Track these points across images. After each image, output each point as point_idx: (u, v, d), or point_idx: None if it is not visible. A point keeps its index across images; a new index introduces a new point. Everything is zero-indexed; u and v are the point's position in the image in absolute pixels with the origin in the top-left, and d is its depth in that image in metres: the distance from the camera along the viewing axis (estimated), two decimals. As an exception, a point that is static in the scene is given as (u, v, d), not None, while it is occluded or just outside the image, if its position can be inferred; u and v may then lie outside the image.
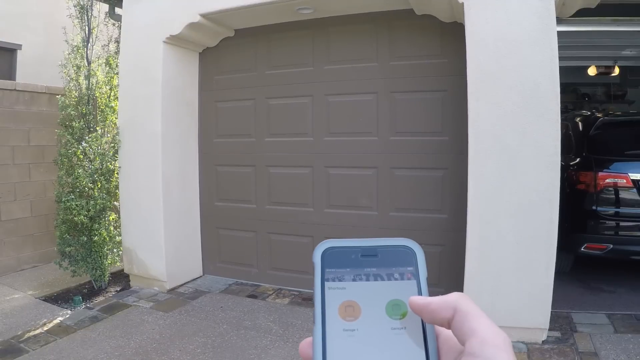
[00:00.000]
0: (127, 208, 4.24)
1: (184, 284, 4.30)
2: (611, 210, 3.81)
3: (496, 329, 0.33)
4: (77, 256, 3.97)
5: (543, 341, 2.98)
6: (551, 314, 2.97)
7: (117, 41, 4.49)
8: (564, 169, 3.67)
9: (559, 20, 3.03)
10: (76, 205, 3.84)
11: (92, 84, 4.15)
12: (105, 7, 4.58)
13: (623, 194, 3.79)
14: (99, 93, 4.23)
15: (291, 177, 4.17)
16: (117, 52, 4.40)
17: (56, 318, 3.52)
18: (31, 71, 6.83)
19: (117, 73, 4.30)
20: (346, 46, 3.89)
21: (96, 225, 3.96)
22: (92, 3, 4.21)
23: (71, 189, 3.98)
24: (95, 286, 4.16)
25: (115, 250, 4.16)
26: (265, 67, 4.22)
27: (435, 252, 3.57)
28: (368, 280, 0.38)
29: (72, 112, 4.04)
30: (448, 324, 0.35)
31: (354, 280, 0.38)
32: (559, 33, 2.86)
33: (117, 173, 4.22)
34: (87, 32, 4.18)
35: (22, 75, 6.95)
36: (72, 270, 3.97)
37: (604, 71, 7.27)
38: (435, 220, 3.64)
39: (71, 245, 3.97)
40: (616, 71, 7.20)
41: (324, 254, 0.39)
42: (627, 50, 5.03)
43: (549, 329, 3.01)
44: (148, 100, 4.04)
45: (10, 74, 7.09)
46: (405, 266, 0.39)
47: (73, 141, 4.00)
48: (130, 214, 4.23)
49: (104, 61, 4.34)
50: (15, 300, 3.94)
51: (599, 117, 4.28)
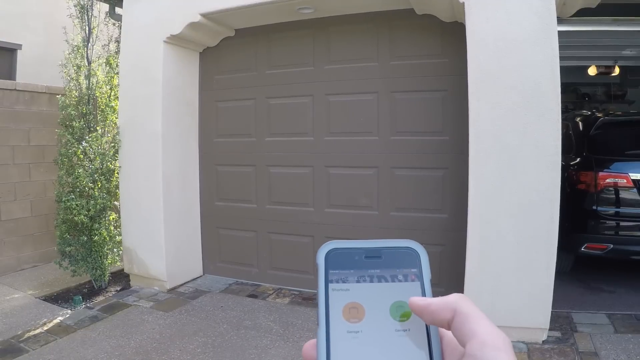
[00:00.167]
0: (128, 208, 4.24)
1: (184, 284, 4.30)
2: (611, 210, 3.81)
3: (496, 331, 0.33)
4: (77, 256, 3.97)
5: (543, 341, 2.98)
6: (551, 314, 2.97)
7: (118, 41, 4.49)
8: (565, 169, 3.67)
9: (560, 19, 3.03)
10: (76, 205, 3.84)
11: (93, 84, 4.15)
12: (105, 7, 4.58)
13: (623, 194, 3.79)
14: (99, 93, 4.23)
15: (291, 177, 4.16)
16: (118, 52, 4.40)
17: (56, 318, 3.52)
18: (31, 71, 6.83)
19: (118, 73, 4.30)
20: (346, 46, 3.89)
21: (96, 225, 3.96)
22: (93, 3, 4.21)
23: (71, 189, 3.98)
24: (95, 286, 4.16)
25: (115, 250, 4.16)
26: (265, 67, 4.22)
27: (435, 252, 3.57)
28: (372, 281, 0.38)
29: (73, 112, 4.04)
30: (448, 325, 0.35)
31: (358, 281, 0.38)
32: (560, 33, 2.86)
33: (118, 173, 4.22)
34: (88, 32, 4.18)
35: (22, 75, 6.95)
36: (72, 270, 3.97)
37: (604, 71, 7.27)
38: (435, 220, 3.64)
39: (71, 245, 3.97)
40: (616, 71, 7.20)
41: (328, 256, 0.39)
42: (627, 50, 5.03)
43: (549, 329, 3.01)
44: (148, 100, 4.04)
45: (10, 74, 7.09)
46: (409, 268, 0.39)
47: (73, 141, 4.00)
48: (130, 214, 4.23)
49: (104, 61, 4.34)
50: (15, 300, 3.94)
51: (600, 117, 4.28)
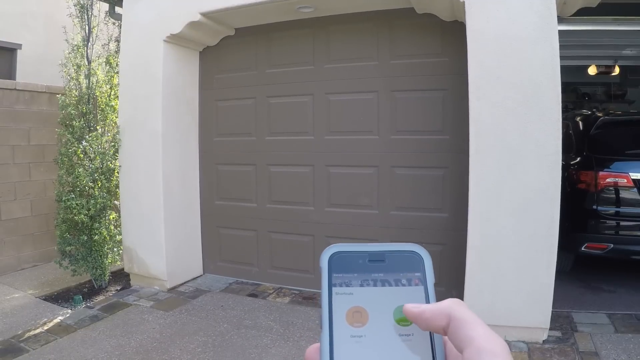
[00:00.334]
0: (128, 207, 4.24)
1: (185, 283, 4.30)
2: (612, 209, 3.81)
3: (493, 335, 0.33)
4: (78, 255, 3.97)
5: (544, 341, 2.98)
6: (552, 314, 2.97)
7: (118, 40, 4.48)
8: (565, 168, 3.66)
9: (560, 19, 3.03)
10: (76, 204, 3.84)
11: (93, 83, 4.15)
12: (105, 6, 4.58)
13: (623, 194, 3.79)
14: (99, 92, 4.23)
15: (292, 176, 4.16)
16: (117, 51, 4.39)
17: (56, 317, 3.52)
18: (31, 70, 6.82)
19: (118, 72, 4.30)
20: (347, 45, 3.88)
21: (96, 224, 3.96)
22: (92, 2, 4.21)
23: (71, 188, 3.98)
24: (95, 285, 4.16)
25: (115, 249, 4.16)
26: (265, 66, 4.22)
27: (435, 251, 3.57)
28: (375, 285, 0.38)
29: (73, 111, 4.04)
30: (444, 332, 0.35)
31: (362, 285, 0.38)
32: (560, 32, 2.86)
33: (118, 172, 4.22)
34: (87, 31, 4.17)
35: (22, 74, 6.93)
36: (73, 269, 3.97)
37: (604, 71, 7.27)
38: (435, 219, 3.64)
39: (71, 244, 3.97)
40: (616, 71, 7.20)
41: (331, 259, 0.39)
42: (628, 49, 5.03)
43: (550, 329, 3.01)
44: (148, 99, 4.04)
45: (10, 74, 7.07)
46: (412, 272, 0.39)
47: (73, 140, 4.00)
48: (130, 213, 4.23)
49: (104, 60, 4.34)
50: (15, 299, 3.93)
51: (600, 117, 4.28)
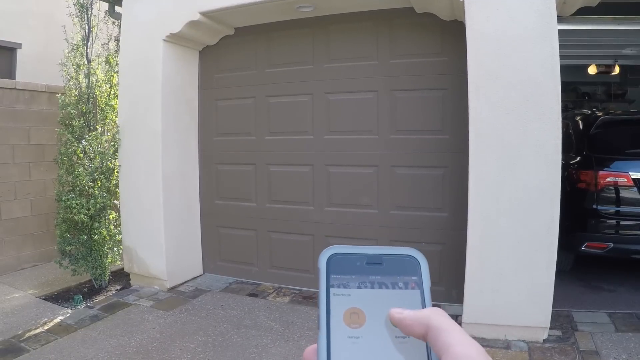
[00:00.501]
0: (128, 207, 4.24)
1: (185, 283, 4.30)
2: (612, 209, 3.81)
3: (469, 341, 0.33)
4: (78, 255, 3.97)
5: (544, 340, 2.98)
6: (552, 313, 2.97)
7: (117, 39, 4.48)
8: (565, 168, 3.66)
9: (560, 18, 3.02)
10: (76, 204, 3.84)
11: (92, 83, 4.15)
12: (105, 6, 4.58)
13: (623, 193, 3.79)
14: (99, 91, 4.22)
15: (291, 176, 4.16)
16: (117, 51, 4.39)
17: (56, 317, 3.52)
18: (31, 70, 6.82)
19: (117, 71, 4.30)
20: (346, 44, 3.88)
21: (96, 224, 3.96)
22: (92, 1, 4.21)
23: (71, 188, 3.97)
24: (95, 285, 4.16)
25: (115, 249, 4.16)
26: (265, 66, 4.21)
27: (435, 251, 3.56)
28: (373, 288, 0.39)
29: (72, 111, 4.04)
30: (425, 339, 0.36)
31: (359, 287, 0.38)
32: (560, 32, 2.86)
33: (117, 171, 4.22)
34: (87, 31, 4.17)
35: (22, 74, 6.95)
36: (73, 269, 3.97)
37: (604, 70, 7.28)
38: (435, 218, 3.64)
39: (71, 244, 3.97)
40: (616, 70, 7.20)
41: (330, 260, 0.39)
42: (628, 49, 5.03)
43: (550, 328, 3.01)
44: (148, 98, 4.04)
45: (10, 73, 7.08)
46: (409, 275, 0.39)
47: (73, 140, 3.99)
48: (130, 213, 4.23)
49: (104, 60, 4.34)
50: (15, 299, 3.93)
51: (600, 116, 4.28)
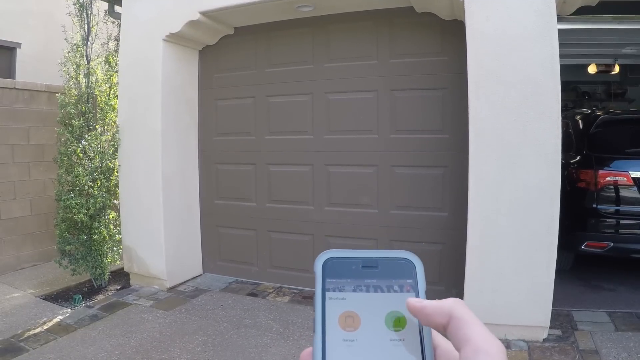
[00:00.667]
0: (127, 206, 4.23)
1: (184, 283, 4.30)
2: (611, 208, 3.81)
3: (491, 337, 0.33)
4: (77, 255, 3.97)
5: (544, 339, 2.98)
6: (552, 312, 2.97)
7: (117, 39, 4.48)
8: (564, 167, 3.66)
9: (560, 17, 3.02)
10: (76, 203, 3.84)
11: (92, 82, 4.15)
12: (104, 5, 4.57)
13: (623, 192, 3.79)
14: (99, 91, 4.22)
15: (291, 175, 4.16)
16: (117, 50, 4.39)
17: (56, 317, 3.52)
18: (31, 69, 6.82)
19: (117, 71, 4.29)
20: (346, 44, 3.88)
21: (96, 223, 3.96)
22: (92, 1, 4.20)
23: (71, 188, 3.97)
24: (95, 285, 4.16)
25: (115, 248, 4.16)
26: (265, 65, 4.21)
27: (435, 250, 3.56)
28: (368, 291, 0.39)
29: (72, 111, 4.04)
30: (444, 329, 0.36)
31: (355, 290, 0.39)
32: (560, 31, 2.86)
33: (117, 171, 4.21)
34: (87, 30, 4.17)
35: (22, 73, 6.94)
36: (72, 268, 3.97)
37: (604, 69, 7.28)
38: (435, 218, 3.64)
39: (71, 243, 3.97)
40: (616, 69, 7.20)
41: (325, 264, 0.40)
42: (627, 48, 5.03)
43: (550, 327, 3.01)
44: (148, 98, 4.04)
45: (9, 73, 7.08)
46: (404, 278, 0.39)
47: (73, 139, 3.99)
48: (130, 213, 4.23)
49: (104, 59, 4.33)
50: (15, 299, 3.93)
51: (600, 115, 4.28)
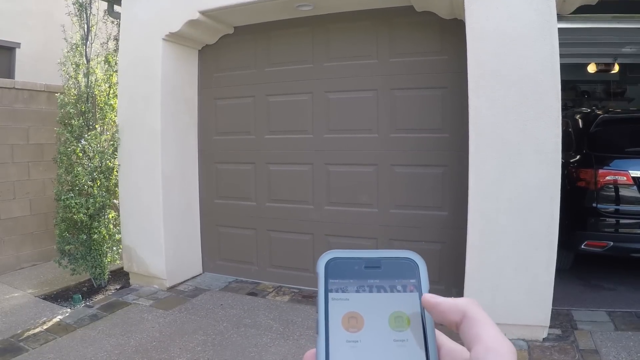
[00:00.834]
0: (127, 206, 4.23)
1: (184, 282, 4.29)
2: (611, 207, 3.80)
3: (502, 338, 0.33)
4: (77, 254, 3.97)
5: (544, 338, 2.98)
6: (552, 312, 2.97)
7: (116, 39, 4.48)
8: (564, 166, 3.66)
9: (560, 17, 3.02)
10: (75, 203, 3.84)
11: (91, 82, 4.14)
12: (104, 5, 4.57)
13: (623, 192, 3.79)
14: (98, 91, 4.22)
15: (291, 175, 4.16)
16: (116, 50, 4.39)
17: (56, 316, 3.52)
18: (30, 69, 6.82)
19: (116, 71, 4.29)
20: (346, 43, 3.88)
21: (96, 223, 3.96)
22: (91, 1, 4.20)
23: (70, 187, 3.97)
24: (94, 284, 4.15)
25: (114, 248, 4.16)
26: (264, 65, 4.21)
27: (435, 250, 3.56)
28: (371, 291, 0.39)
29: (71, 110, 4.03)
30: (456, 327, 0.36)
31: (357, 291, 0.38)
32: (560, 30, 2.86)
33: (117, 171, 4.21)
34: (86, 30, 4.16)
35: (21, 73, 6.94)
36: (72, 268, 3.96)
37: (604, 68, 7.28)
38: (435, 217, 3.63)
39: (71, 243, 3.96)
40: (616, 68, 7.20)
41: (328, 265, 0.39)
42: (627, 47, 5.03)
43: (550, 327, 3.01)
44: (147, 98, 4.03)
45: (9, 72, 7.08)
46: (407, 278, 0.39)
47: (72, 139, 3.99)
48: (129, 212, 4.22)
49: (103, 59, 4.33)
50: (14, 298, 3.93)
51: (599, 115, 4.27)
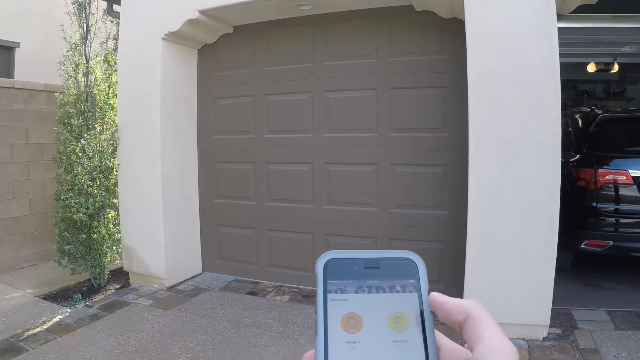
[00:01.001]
0: (127, 205, 4.23)
1: (184, 282, 4.29)
2: (611, 207, 3.80)
3: (504, 339, 0.34)
4: (77, 254, 3.97)
5: (544, 338, 2.98)
6: (552, 311, 2.97)
7: (116, 38, 4.47)
8: (564, 166, 3.66)
9: (560, 16, 3.02)
10: (75, 203, 3.83)
11: (91, 82, 4.14)
12: (103, 4, 4.57)
13: (623, 191, 3.79)
14: (98, 90, 4.22)
15: (291, 174, 4.16)
16: (116, 49, 4.38)
17: (56, 316, 3.51)
18: (29, 69, 6.81)
19: (116, 70, 4.29)
20: (345, 42, 3.87)
21: (95, 223, 3.95)
22: (90, 0, 4.19)
23: (70, 187, 3.97)
24: (94, 284, 4.15)
25: (114, 248, 4.16)
26: (264, 64, 4.21)
27: (435, 249, 3.56)
28: (370, 292, 0.38)
29: (71, 110, 4.03)
30: (460, 327, 0.36)
31: (356, 292, 0.38)
32: (559, 29, 2.86)
33: (116, 170, 4.21)
34: (86, 30, 4.16)
35: (21, 73, 6.93)
36: (72, 268, 3.96)
37: (604, 68, 7.28)
38: (435, 216, 3.63)
39: (70, 243, 3.96)
40: (615, 68, 7.20)
41: (327, 266, 0.39)
42: (627, 47, 5.03)
43: (550, 326, 3.01)
44: (147, 97, 4.03)
45: (8, 72, 7.07)
46: (407, 279, 0.39)
47: (72, 139, 3.99)
48: (129, 212, 4.22)
49: (103, 58, 4.33)
50: (14, 298, 3.93)
51: (599, 114, 4.28)
